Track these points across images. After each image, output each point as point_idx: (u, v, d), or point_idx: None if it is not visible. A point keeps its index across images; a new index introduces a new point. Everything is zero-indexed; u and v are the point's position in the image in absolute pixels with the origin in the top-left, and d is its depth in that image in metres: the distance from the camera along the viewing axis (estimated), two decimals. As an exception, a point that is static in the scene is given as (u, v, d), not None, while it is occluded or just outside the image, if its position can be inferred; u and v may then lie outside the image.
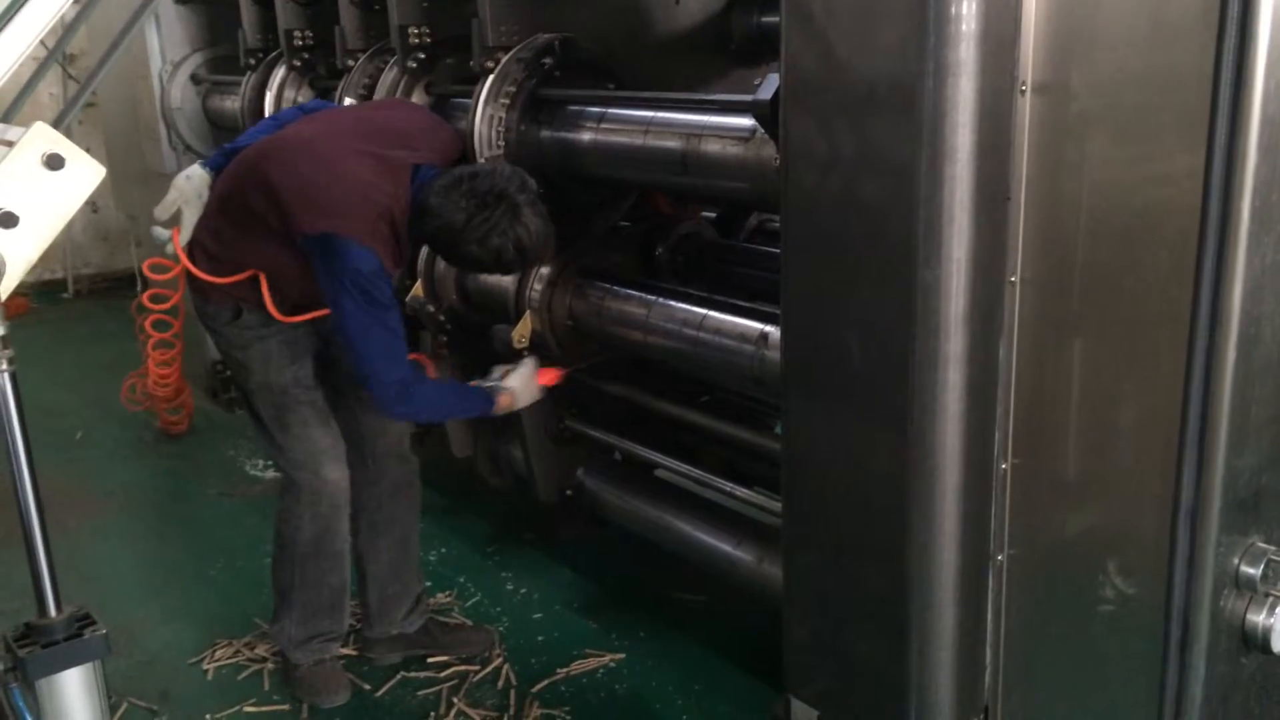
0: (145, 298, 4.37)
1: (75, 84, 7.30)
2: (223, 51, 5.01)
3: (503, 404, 2.91)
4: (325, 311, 2.70)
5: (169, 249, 2.79)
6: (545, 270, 3.17)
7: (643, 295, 2.97)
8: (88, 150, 1.68)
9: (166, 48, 5.10)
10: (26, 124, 1.98)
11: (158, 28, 5.07)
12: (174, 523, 4.27)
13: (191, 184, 2.82)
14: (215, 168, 2.86)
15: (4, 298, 1.58)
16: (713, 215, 3.60)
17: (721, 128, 2.53)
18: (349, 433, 2.98)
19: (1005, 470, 1.87)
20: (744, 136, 2.46)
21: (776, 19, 3.33)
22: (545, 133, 3.04)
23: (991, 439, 1.86)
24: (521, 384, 2.96)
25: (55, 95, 7.40)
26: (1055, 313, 1.86)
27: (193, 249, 2.78)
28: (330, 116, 2.92)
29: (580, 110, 2.95)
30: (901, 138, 1.81)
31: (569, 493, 3.44)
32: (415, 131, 2.79)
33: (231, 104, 4.66)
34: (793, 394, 2.15)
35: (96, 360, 6.04)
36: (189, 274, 2.78)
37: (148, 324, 4.52)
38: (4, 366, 1.58)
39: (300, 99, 4.19)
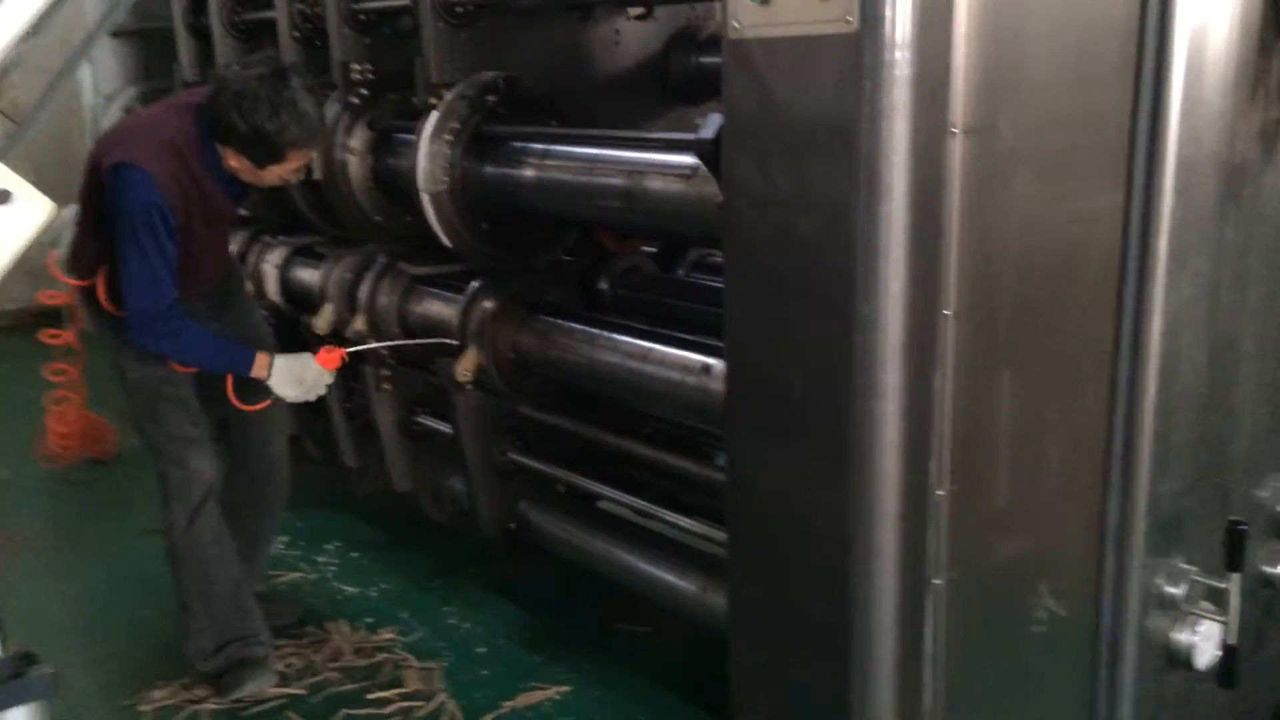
0: (44, 335, 4.26)
1: (2, 118, 7.15)
2: (158, 85, 4.97)
3: (259, 365, 2.92)
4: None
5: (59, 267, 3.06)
6: (489, 304, 3.19)
7: (587, 329, 3.01)
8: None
9: (99, 81, 5.05)
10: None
11: (90, 61, 5.02)
12: (102, 561, 4.17)
13: (70, 210, 2.92)
14: None
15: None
16: (653, 249, 3.65)
17: (664, 165, 2.59)
18: (236, 443, 3.25)
19: (942, 497, 1.93)
20: (686, 174, 2.52)
21: (713, 59, 3.47)
22: (489, 169, 3.07)
23: (928, 467, 1.92)
24: (291, 362, 2.97)
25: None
26: (987, 345, 1.94)
27: (70, 263, 3.01)
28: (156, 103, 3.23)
29: (524, 147, 3.00)
30: (839, 177, 1.88)
31: (512, 526, 3.45)
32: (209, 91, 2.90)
33: (167, 137, 4.62)
34: (735, 425, 2.21)
35: (19, 395, 5.88)
36: (76, 288, 2.99)
37: (46, 371, 4.41)
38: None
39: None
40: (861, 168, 1.85)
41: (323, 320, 3.79)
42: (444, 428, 3.62)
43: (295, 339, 4.13)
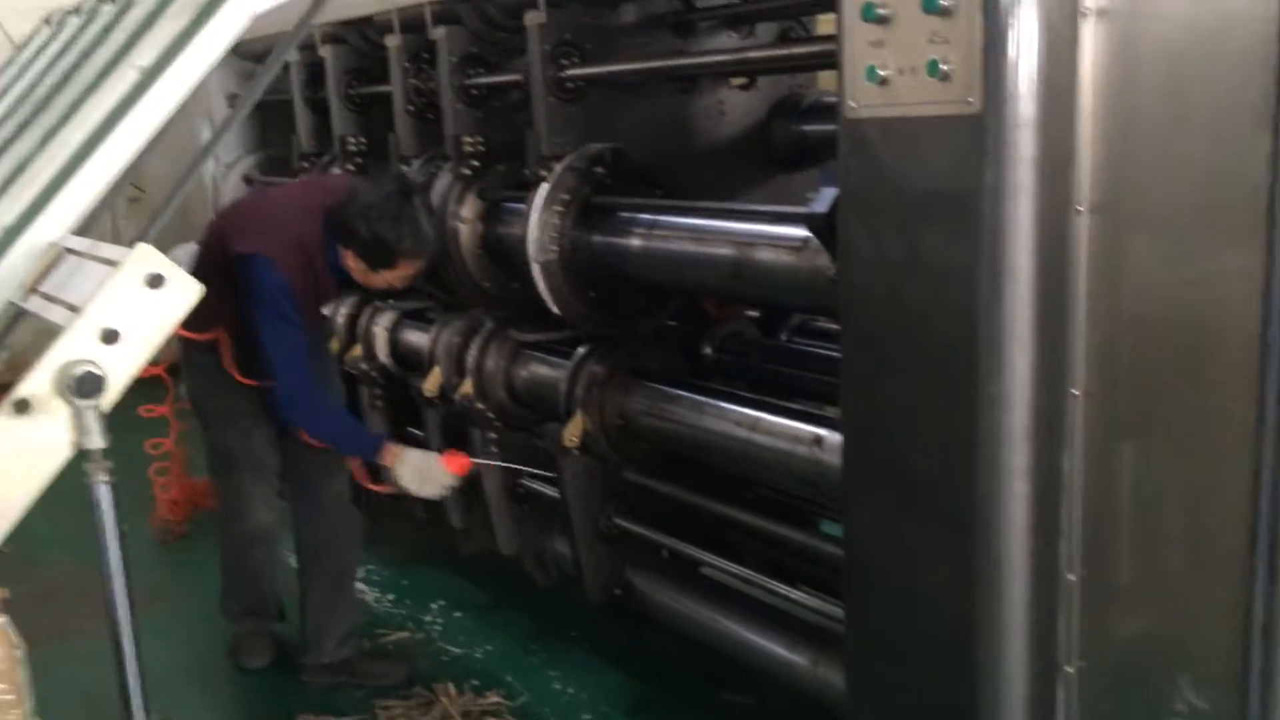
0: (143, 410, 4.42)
1: (135, 189, 7.50)
2: (275, 153, 5.18)
3: (386, 458, 3.24)
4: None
5: None
6: (596, 370, 3.22)
7: (695, 397, 3.02)
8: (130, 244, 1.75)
9: (220, 150, 5.27)
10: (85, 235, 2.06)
11: (211, 130, 5.26)
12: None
13: (185, 252, 3.36)
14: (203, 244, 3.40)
15: (106, 410, 1.65)
16: (755, 314, 3.66)
17: (774, 237, 2.61)
18: (299, 478, 3.52)
19: (1073, 580, 1.88)
20: (797, 246, 2.53)
21: (816, 126, 3.50)
22: (597, 238, 3.12)
23: (1058, 550, 1.87)
24: (417, 458, 3.26)
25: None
26: (1117, 423, 1.89)
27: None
28: (277, 186, 3.93)
29: (631, 217, 3.04)
30: (961, 255, 1.87)
31: (618, 591, 3.45)
32: (338, 187, 3.31)
33: (283, 205, 4.80)
34: (853, 499, 2.18)
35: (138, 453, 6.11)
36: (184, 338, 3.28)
37: (148, 445, 4.58)
38: (104, 479, 1.64)
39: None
40: (984, 247, 1.83)
41: (431, 383, 3.88)
42: (549, 491, 3.65)
43: (404, 401, 4.25)
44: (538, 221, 3.10)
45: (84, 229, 2.39)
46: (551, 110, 3.16)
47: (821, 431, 2.62)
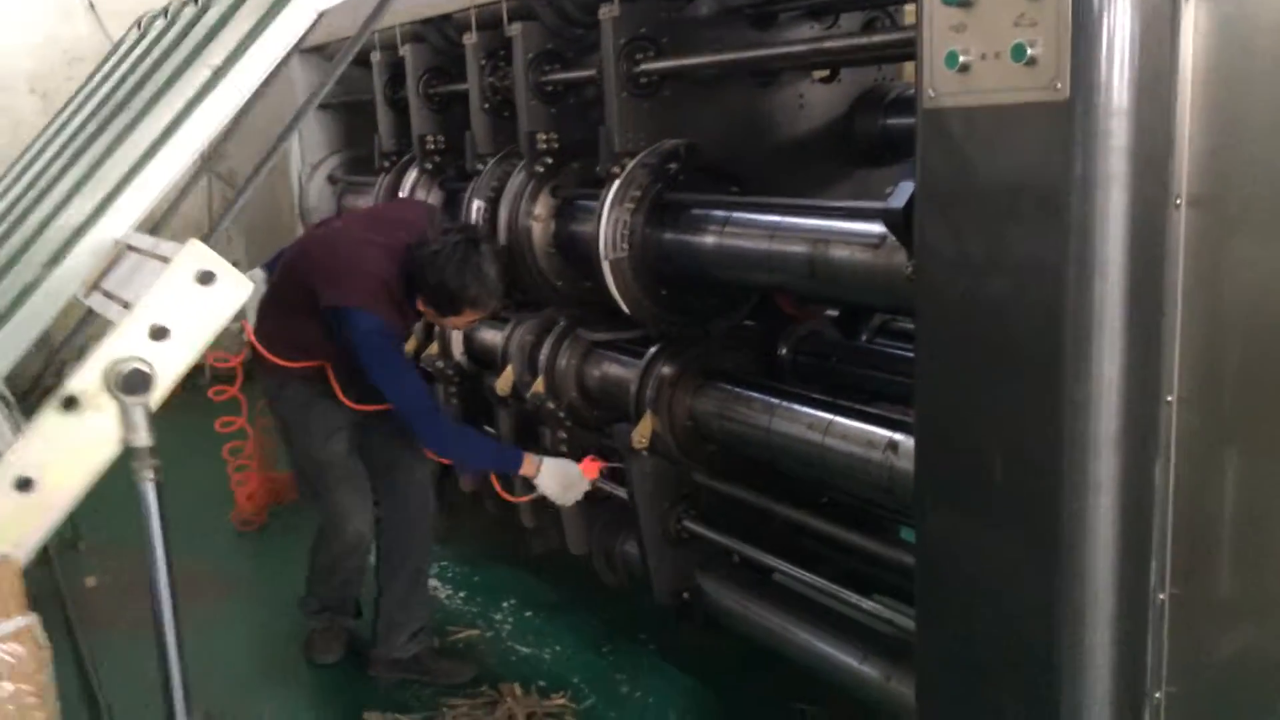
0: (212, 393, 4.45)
1: (220, 183, 7.71)
2: (358, 154, 5.24)
3: (528, 470, 3.31)
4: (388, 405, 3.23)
5: (242, 336, 3.39)
6: (666, 370, 3.17)
7: (766, 398, 2.94)
8: (228, 242, 1.74)
9: (306, 150, 5.36)
10: (177, 233, 2.08)
11: (299, 132, 5.34)
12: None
13: (255, 279, 3.39)
14: (269, 268, 3.53)
15: (154, 408, 1.64)
16: (834, 314, 3.56)
17: (850, 234, 2.51)
18: (378, 466, 3.52)
19: (1163, 600, 1.76)
20: (874, 243, 2.44)
21: (901, 120, 3.38)
22: (669, 235, 3.06)
23: (1148, 567, 1.75)
24: (558, 466, 3.33)
25: (198, 201, 7.86)
26: (1217, 432, 1.77)
27: (256, 333, 3.37)
28: (350, 216, 4.08)
29: (705, 214, 2.98)
30: (1046, 251, 1.76)
31: (686, 595, 3.38)
32: (414, 220, 3.38)
33: (365, 203, 4.85)
34: (929, 507, 2.08)
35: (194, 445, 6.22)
36: (256, 354, 3.36)
37: (224, 452, 4.62)
38: (150, 476, 1.63)
39: (431, 201, 4.34)
40: (1072, 241, 1.72)
41: (504, 381, 3.86)
42: (619, 492, 3.60)
43: (477, 398, 4.24)
44: (609, 218, 3.06)
45: (157, 227, 2.42)
46: (624, 106, 3.11)
47: (897, 436, 2.52)
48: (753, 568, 3.39)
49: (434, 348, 4.36)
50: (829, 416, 2.72)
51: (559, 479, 3.33)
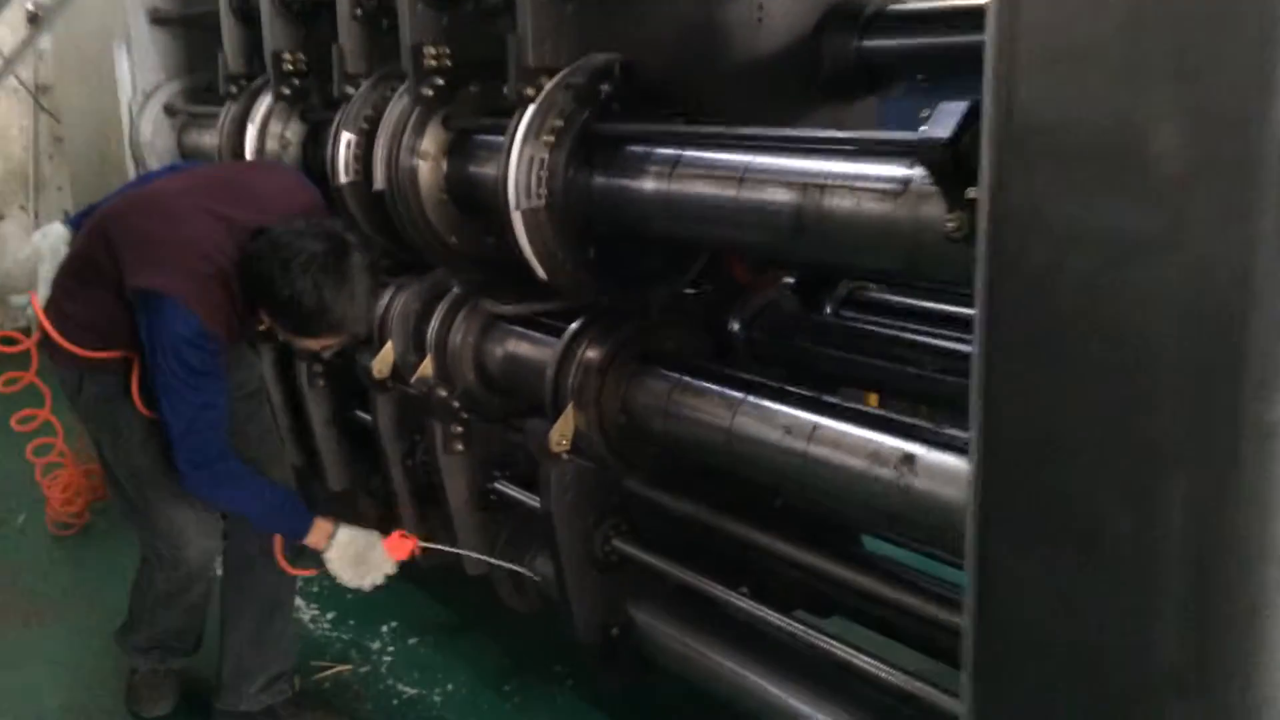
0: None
1: (46, 115, 6.69)
2: (202, 80, 4.36)
3: (316, 539, 2.69)
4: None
5: (28, 311, 2.66)
6: (594, 352, 2.48)
7: (725, 391, 2.29)
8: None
9: (138, 75, 4.44)
10: None
11: (129, 53, 4.42)
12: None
13: (47, 240, 2.71)
14: (75, 225, 2.74)
15: None
16: (790, 280, 2.91)
17: (856, 177, 1.86)
18: None
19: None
20: (892, 189, 1.79)
21: (880, 42, 2.74)
22: (600, 179, 2.37)
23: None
24: (355, 541, 2.72)
25: (25, 128, 6.81)
26: None
27: (48, 310, 2.63)
28: (192, 174, 2.92)
29: (648, 152, 2.29)
30: (1217, 215, 1.14)
31: (614, 632, 2.72)
32: (275, 193, 2.69)
33: (210, 139, 3.99)
34: (991, 556, 1.46)
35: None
36: (47, 338, 2.61)
37: (29, 450, 3.73)
38: None
39: (289, 135, 3.53)
40: (1270, 200, 1.11)
41: (382, 361, 3.12)
42: (529, 499, 2.93)
43: (348, 381, 3.48)
44: (521, 157, 2.34)
45: None
46: (541, 9, 2.38)
47: (913, 448, 1.90)
48: (698, 596, 2.75)
49: (428, 365, 3.55)
50: (813, 418, 2.09)
51: (353, 558, 2.72)
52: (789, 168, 1.98)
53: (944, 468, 1.84)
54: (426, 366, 2.96)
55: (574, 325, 2.55)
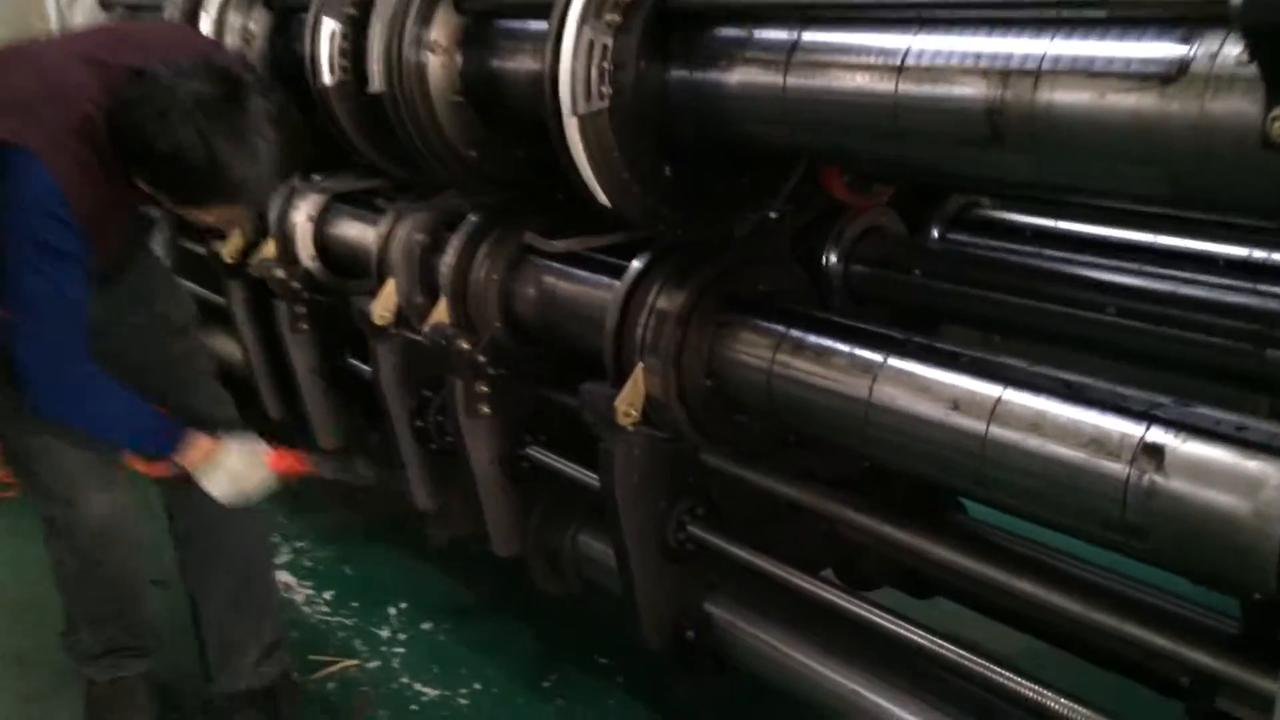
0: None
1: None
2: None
3: (192, 456, 2.19)
4: None
5: None
6: (669, 301, 1.94)
7: (857, 350, 1.76)
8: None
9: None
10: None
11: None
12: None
13: None
14: None
15: None
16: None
17: (1095, 60, 1.31)
18: (155, 398, 2.26)
19: None
20: (1158, 74, 1.25)
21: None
22: (682, 72, 1.80)
23: None
24: (241, 457, 2.24)
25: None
26: None
27: None
28: (81, 30, 2.56)
29: (748, 36, 1.71)
30: None
31: (690, 633, 2.24)
32: (169, 41, 2.27)
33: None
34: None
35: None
36: None
37: None
38: None
39: (253, 26, 2.89)
40: None
41: (383, 305, 2.56)
42: (570, 468, 2.42)
43: (342, 328, 2.93)
44: (578, 44, 1.75)
45: None
46: None
47: (1159, 434, 1.39)
48: (772, 583, 2.26)
49: (269, 248, 3.00)
50: (993, 388, 1.57)
51: (234, 473, 2.23)
52: (979, 49, 1.43)
53: (1210, 464, 1.34)
54: (441, 311, 2.41)
55: (639, 262, 2.01)
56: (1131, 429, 1.42)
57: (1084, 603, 1.69)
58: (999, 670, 1.75)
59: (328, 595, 3.11)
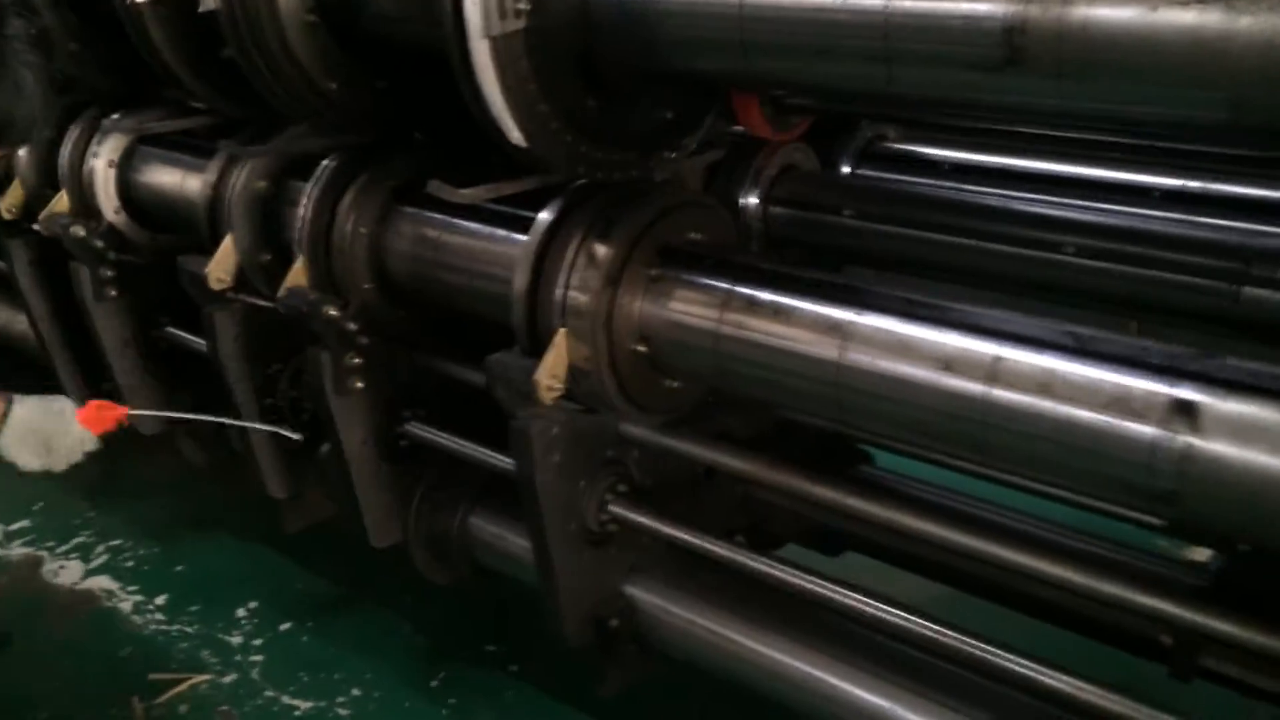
0: None
1: None
2: None
3: None
4: None
5: None
6: (597, 255, 1.67)
7: (819, 305, 1.56)
8: None
9: None
10: None
11: None
12: None
13: None
14: None
15: None
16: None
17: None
18: None
19: None
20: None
21: None
22: (610, -16, 1.53)
23: None
24: (38, 411, 2.10)
25: None
26: None
27: None
28: None
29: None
30: None
31: (613, 622, 2.02)
32: None
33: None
34: None
35: None
36: None
37: None
38: None
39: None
40: None
41: (220, 266, 2.18)
42: (453, 443, 2.14)
43: (159, 289, 2.51)
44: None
45: None
46: None
47: (1189, 391, 1.27)
48: (688, 554, 2.07)
49: (61, 201, 2.52)
50: (990, 346, 1.41)
51: (35, 440, 2.10)
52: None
53: (1256, 422, 1.23)
54: (298, 273, 2.05)
55: (549, 211, 1.73)
56: (1160, 386, 1.28)
57: (1043, 558, 1.61)
58: (931, 627, 1.65)
59: (160, 600, 2.70)
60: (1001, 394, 1.39)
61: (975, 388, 1.41)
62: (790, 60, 1.43)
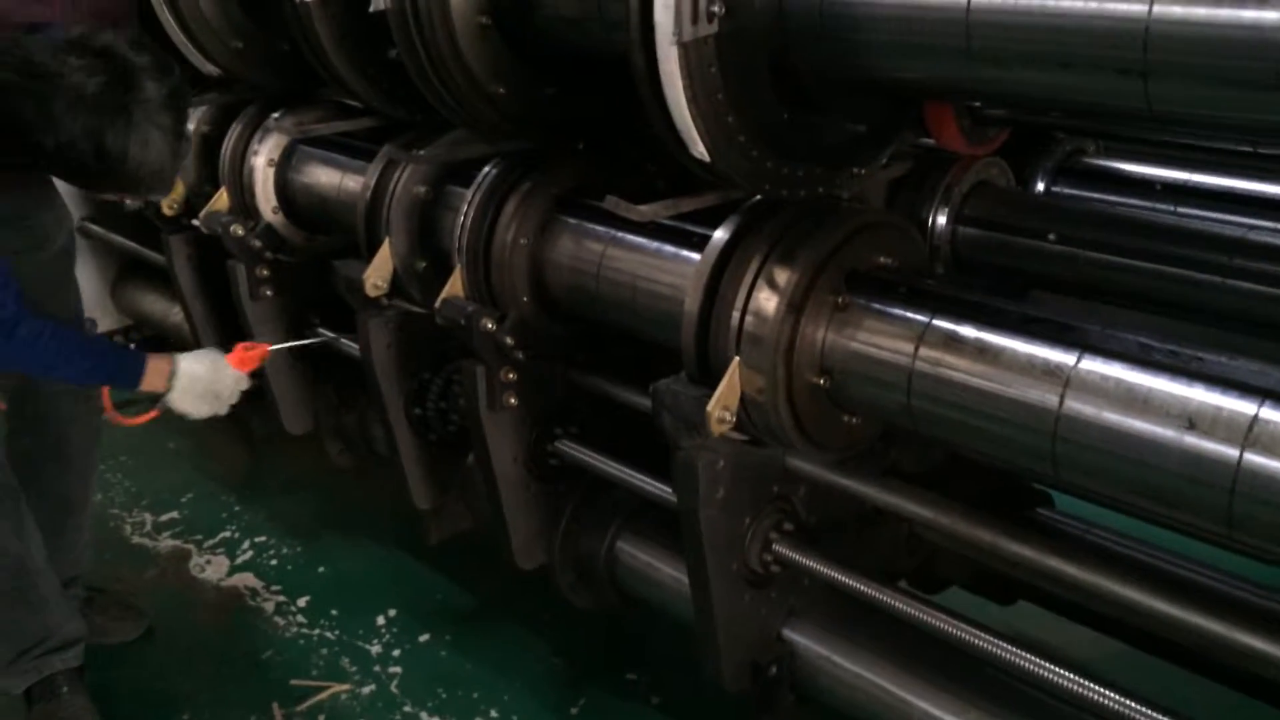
0: None
1: None
2: None
3: (154, 382, 2.08)
4: None
5: None
6: (779, 280, 1.54)
7: (1033, 345, 1.39)
8: None
9: None
10: None
11: None
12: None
13: None
14: None
15: None
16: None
17: None
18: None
19: None
20: None
21: None
22: (813, -13, 1.39)
23: None
24: (200, 367, 2.11)
25: None
26: None
27: None
28: None
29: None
30: None
31: (772, 670, 1.88)
32: None
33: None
34: None
35: None
36: None
37: None
38: None
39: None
40: None
41: (377, 273, 2.12)
42: (604, 464, 2.04)
43: (315, 292, 2.49)
44: (677, -57, 1.32)
45: None
46: None
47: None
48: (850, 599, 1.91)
49: (221, 198, 2.53)
50: (1246, 405, 1.22)
51: (201, 389, 2.11)
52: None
53: None
54: (456, 283, 1.98)
55: (725, 230, 1.60)
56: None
57: (1242, 627, 1.41)
58: (1107, 695, 1.47)
59: (302, 602, 2.68)
60: (1258, 459, 1.21)
61: (1227, 451, 1.23)
62: (1023, 71, 1.26)
